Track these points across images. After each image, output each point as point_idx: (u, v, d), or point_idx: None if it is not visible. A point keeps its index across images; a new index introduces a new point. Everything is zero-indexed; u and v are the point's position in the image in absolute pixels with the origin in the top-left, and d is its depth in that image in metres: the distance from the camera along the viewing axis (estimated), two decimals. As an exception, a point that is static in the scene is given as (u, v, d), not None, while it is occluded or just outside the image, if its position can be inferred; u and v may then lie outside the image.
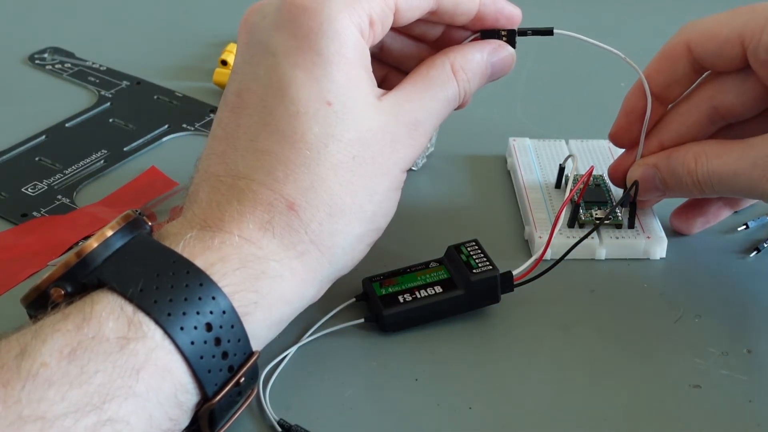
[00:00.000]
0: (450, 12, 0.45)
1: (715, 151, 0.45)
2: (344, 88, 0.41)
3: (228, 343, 0.37)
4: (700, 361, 0.44)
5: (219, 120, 0.43)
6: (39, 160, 0.58)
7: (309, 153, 0.40)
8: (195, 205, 0.41)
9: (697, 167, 0.46)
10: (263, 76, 0.42)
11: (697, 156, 0.46)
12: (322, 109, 0.41)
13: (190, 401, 0.37)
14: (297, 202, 0.40)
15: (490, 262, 0.45)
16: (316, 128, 0.40)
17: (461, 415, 0.41)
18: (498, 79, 0.47)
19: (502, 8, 0.46)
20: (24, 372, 0.33)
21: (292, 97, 0.41)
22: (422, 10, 0.44)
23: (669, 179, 0.47)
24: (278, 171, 0.40)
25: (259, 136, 0.41)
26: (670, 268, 0.50)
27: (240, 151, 0.41)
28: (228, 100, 0.43)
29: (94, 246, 0.37)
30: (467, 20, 0.45)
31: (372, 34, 0.42)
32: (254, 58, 0.42)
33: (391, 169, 0.43)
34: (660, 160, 0.48)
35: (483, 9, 0.45)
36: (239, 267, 0.38)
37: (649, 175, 0.48)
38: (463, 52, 0.45)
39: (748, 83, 0.46)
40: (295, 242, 0.40)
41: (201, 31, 0.72)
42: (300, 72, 0.41)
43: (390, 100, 0.43)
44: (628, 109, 0.49)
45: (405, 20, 0.44)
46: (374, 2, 0.42)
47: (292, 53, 0.41)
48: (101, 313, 0.35)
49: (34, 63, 0.68)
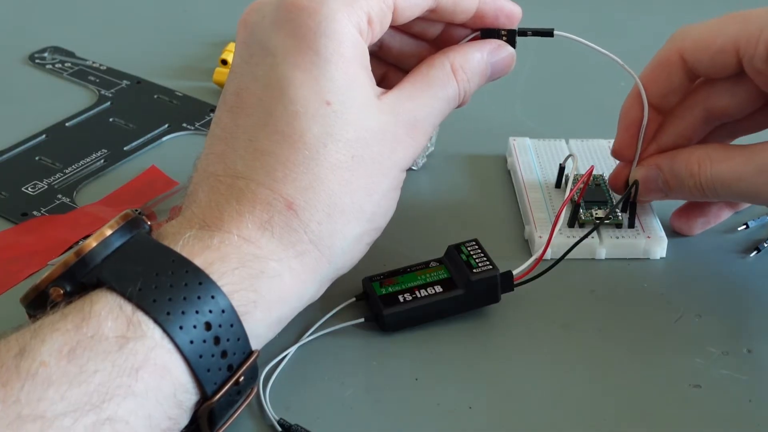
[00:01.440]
0: (449, 10, 0.44)
1: (719, 156, 0.45)
2: (343, 88, 0.41)
3: (227, 342, 0.37)
4: (700, 361, 0.44)
5: (217, 119, 0.43)
6: (39, 159, 0.58)
7: (308, 153, 0.40)
8: (194, 204, 0.41)
9: (700, 171, 0.46)
10: (262, 75, 0.41)
11: (701, 160, 0.46)
12: (321, 109, 0.41)
13: (189, 400, 0.37)
14: (296, 202, 0.40)
15: (490, 262, 0.45)
16: (315, 128, 0.40)
17: (461, 415, 0.41)
18: (498, 78, 0.47)
19: (501, 6, 0.46)
20: (23, 371, 0.33)
21: (291, 97, 0.41)
22: (421, 8, 0.44)
23: (672, 181, 0.47)
24: (277, 171, 0.40)
25: (258, 136, 0.41)
26: (670, 268, 0.50)
27: (239, 151, 0.41)
28: (226, 99, 0.43)
29: (93, 245, 0.37)
30: (467, 18, 0.45)
31: (371, 33, 0.42)
32: (253, 58, 0.42)
33: (390, 169, 0.43)
34: (663, 162, 0.48)
35: (482, 7, 0.45)
36: (238, 266, 0.38)
37: (651, 176, 0.48)
38: (463, 52, 0.45)
39: (741, 86, 0.46)
40: (294, 242, 0.40)
41: (201, 31, 0.72)
42: (299, 72, 0.41)
43: (390, 99, 0.43)
44: (628, 122, 0.48)
45: (404, 18, 0.44)
46: (373, 1, 0.42)
47: (290, 53, 0.41)
48: (100, 313, 0.35)
49: (34, 63, 0.68)
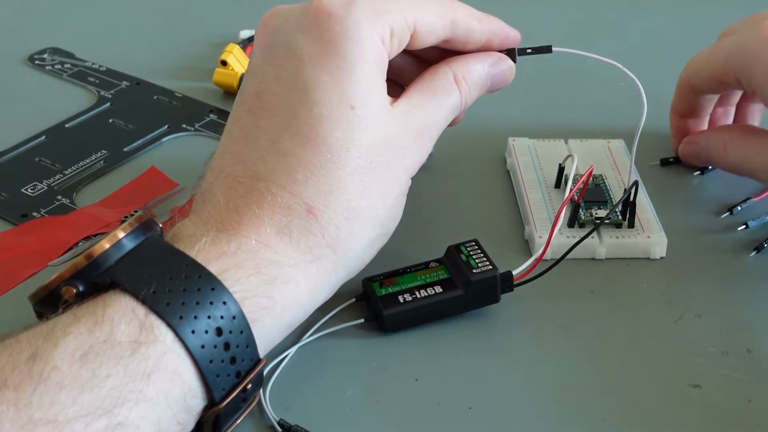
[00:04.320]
0: (462, 41, 0.46)
1: (739, 140, 0.52)
2: (367, 93, 0.42)
3: (237, 348, 0.37)
4: (700, 361, 0.44)
5: (236, 120, 0.43)
6: (39, 160, 0.58)
7: (330, 156, 0.41)
8: (210, 204, 0.41)
9: (726, 153, 0.53)
10: (286, 78, 0.42)
11: (726, 143, 0.53)
12: (346, 113, 0.41)
13: (198, 405, 0.37)
14: (316, 206, 0.40)
15: (490, 262, 0.45)
16: (339, 132, 0.41)
17: (461, 415, 0.41)
18: (496, 90, 0.48)
19: (506, 36, 0.48)
20: (35, 375, 0.33)
21: (317, 100, 0.41)
22: (438, 36, 0.45)
23: (704, 156, 0.55)
24: (298, 173, 0.40)
25: (281, 137, 0.41)
26: (670, 268, 0.50)
27: (260, 151, 0.41)
28: (246, 100, 0.43)
29: (107, 247, 0.37)
30: (475, 48, 0.47)
31: (391, 47, 0.43)
32: (276, 60, 0.42)
33: (401, 175, 0.43)
34: (701, 140, 0.55)
35: (491, 38, 0.47)
36: (253, 273, 0.38)
37: (693, 152, 0.56)
38: (465, 63, 0.46)
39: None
40: (312, 246, 0.40)
41: (201, 31, 0.72)
42: (325, 75, 0.41)
43: (401, 107, 0.44)
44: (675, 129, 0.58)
45: (420, 44, 0.45)
46: (396, 17, 0.43)
47: (317, 56, 0.41)
48: (113, 317, 0.35)
49: (34, 63, 0.68)
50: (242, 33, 0.70)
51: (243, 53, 0.65)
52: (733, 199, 0.54)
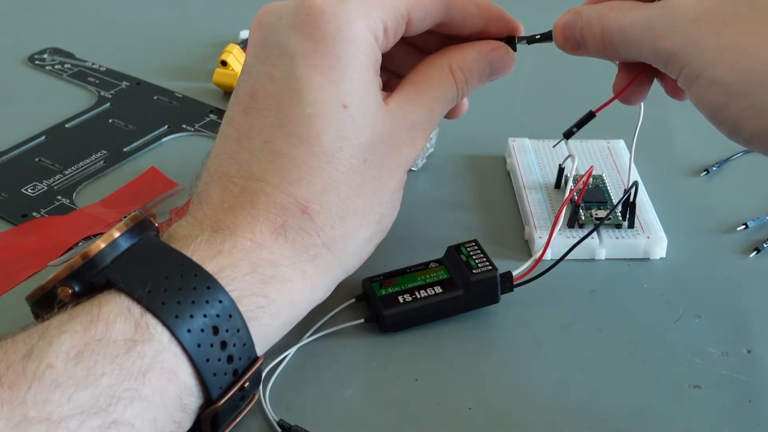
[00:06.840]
0: (459, 24, 0.46)
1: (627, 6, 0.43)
2: (360, 92, 0.42)
3: (233, 347, 0.37)
4: (700, 361, 0.44)
5: (230, 119, 0.43)
6: (39, 160, 0.58)
7: (323, 156, 0.41)
8: (205, 204, 0.41)
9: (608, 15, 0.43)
10: (279, 77, 0.42)
11: (612, 7, 0.43)
12: (338, 112, 0.41)
13: (194, 404, 0.37)
14: (311, 206, 0.40)
15: (489, 262, 0.45)
16: (332, 132, 0.41)
17: (461, 415, 0.41)
18: (497, 78, 0.47)
19: (505, 22, 0.47)
20: (30, 373, 0.33)
21: (309, 99, 0.41)
22: (433, 21, 0.45)
23: (585, 28, 0.44)
24: (292, 173, 0.40)
25: (275, 137, 0.41)
26: (670, 268, 0.50)
27: (253, 152, 0.41)
28: (240, 99, 0.43)
29: (102, 246, 0.37)
30: (474, 33, 0.46)
31: (385, 41, 0.43)
32: (269, 59, 0.42)
33: (396, 171, 0.43)
34: (585, 8, 0.45)
35: (488, 23, 0.46)
36: (249, 272, 0.38)
37: (571, 23, 0.45)
38: (462, 52, 0.46)
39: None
40: (308, 246, 0.40)
41: (201, 31, 0.72)
42: (318, 74, 0.41)
43: (394, 103, 0.43)
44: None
45: (416, 30, 0.44)
46: (389, 11, 0.43)
47: (309, 55, 0.41)
48: (108, 315, 0.35)
49: (34, 63, 0.68)
50: (242, 33, 0.70)
51: (243, 53, 0.65)
52: (733, 200, 0.54)
